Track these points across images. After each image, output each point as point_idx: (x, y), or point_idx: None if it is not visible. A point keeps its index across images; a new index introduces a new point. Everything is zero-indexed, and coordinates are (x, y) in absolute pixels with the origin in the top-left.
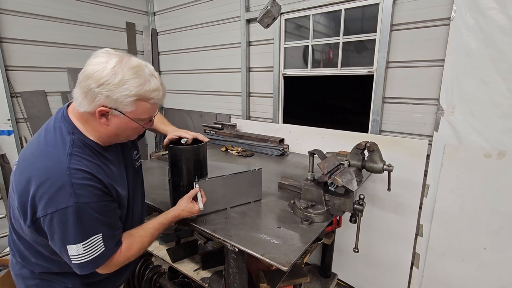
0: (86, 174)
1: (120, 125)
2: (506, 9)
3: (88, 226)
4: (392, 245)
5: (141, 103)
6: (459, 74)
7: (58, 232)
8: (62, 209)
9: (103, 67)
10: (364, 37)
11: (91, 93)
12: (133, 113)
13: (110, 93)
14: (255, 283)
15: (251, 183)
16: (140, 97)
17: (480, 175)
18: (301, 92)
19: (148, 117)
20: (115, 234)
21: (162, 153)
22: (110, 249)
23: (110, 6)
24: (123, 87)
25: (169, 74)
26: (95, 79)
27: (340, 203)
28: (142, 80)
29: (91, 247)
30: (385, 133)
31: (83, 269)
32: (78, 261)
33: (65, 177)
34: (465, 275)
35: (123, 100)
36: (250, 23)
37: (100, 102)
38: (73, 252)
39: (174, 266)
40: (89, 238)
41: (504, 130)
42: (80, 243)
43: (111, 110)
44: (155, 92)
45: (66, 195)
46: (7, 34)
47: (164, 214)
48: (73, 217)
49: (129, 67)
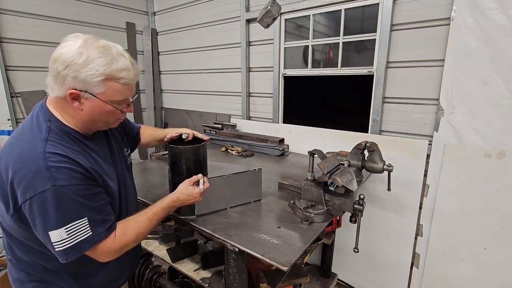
0: (62, 157)
1: (94, 109)
2: (506, 9)
3: (70, 209)
4: (392, 245)
5: (110, 83)
6: (459, 74)
7: (39, 218)
8: (40, 193)
9: (69, 49)
10: (364, 37)
11: (60, 76)
12: (104, 94)
13: (76, 73)
14: (255, 283)
15: (251, 183)
16: (108, 76)
17: (480, 175)
18: (301, 92)
19: (122, 99)
20: (105, 219)
21: (162, 153)
22: (99, 234)
23: (110, 6)
24: (89, 67)
25: (169, 74)
26: (61, 61)
27: (340, 203)
28: (109, 59)
29: (76, 232)
30: (385, 133)
31: (68, 255)
32: (61, 247)
33: (41, 161)
34: (465, 275)
35: (90, 80)
36: (250, 23)
37: (69, 84)
38: (55, 238)
39: (174, 266)
40: (73, 222)
41: (504, 130)
42: (63, 228)
43: (82, 92)
44: (124, 72)
45: (43, 179)
46: (7, 34)
47: (162, 199)
48: (52, 201)
49: (95, 47)
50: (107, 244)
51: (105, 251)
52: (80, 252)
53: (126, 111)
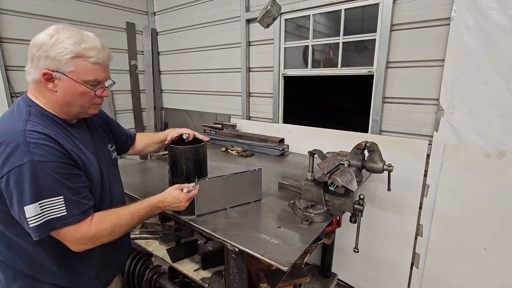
0: (42, 135)
1: (67, 90)
2: (506, 9)
3: (46, 185)
4: (392, 245)
5: (80, 62)
6: (459, 74)
7: (15, 193)
8: (17, 167)
9: (43, 34)
10: (364, 37)
11: (35, 58)
12: (75, 73)
13: (47, 53)
14: (255, 283)
15: (251, 183)
16: (77, 54)
17: (480, 175)
18: (301, 92)
19: (93, 79)
20: (82, 202)
21: (162, 153)
22: (73, 216)
23: (110, 6)
24: (58, 45)
25: (169, 74)
26: (35, 45)
27: (340, 203)
28: (78, 38)
29: (50, 208)
30: (385, 133)
31: (41, 231)
32: (35, 223)
33: (20, 138)
34: (465, 275)
35: (60, 58)
36: (250, 23)
37: (42, 65)
38: (30, 213)
39: (174, 266)
40: (48, 198)
41: (504, 130)
42: (37, 202)
43: (54, 73)
44: (94, 51)
45: (21, 153)
46: (7, 34)
47: (149, 198)
48: (28, 174)
49: (65, 30)
50: (80, 228)
51: (78, 237)
52: (50, 229)
53: (101, 94)
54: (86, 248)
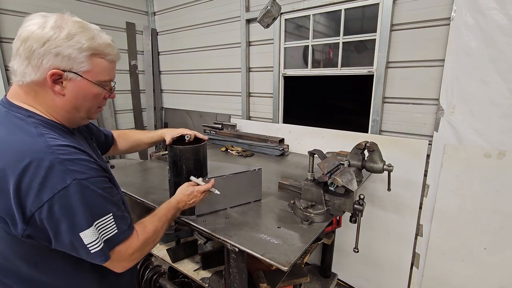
0: (71, 148)
1: (79, 92)
2: (506, 9)
3: (96, 204)
4: (392, 245)
5: (97, 60)
6: (459, 74)
7: (64, 220)
8: (61, 191)
9: (42, 25)
10: (364, 37)
11: (36, 55)
12: (91, 73)
13: (59, 49)
14: (255, 283)
15: (251, 183)
16: (95, 51)
17: (480, 175)
18: (301, 92)
19: (108, 79)
20: (125, 216)
21: (162, 153)
22: (123, 231)
23: (110, 6)
24: (73, 40)
25: (169, 74)
26: (36, 39)
27: (340, 203)
28: (91, 34)
29: (104, 227)
30: (385, 133)
31: (105, 254)
32: (97, 247)
33: (50, 156)
34: (465, 275)
35: (76, 56)
36: (250, 23)
37: (50, 63)
38: (89, 238)
39: (174, 266)
40: (101, 218)
41: (504, 130)
42: (93, 225)
43: (66, 73)
44: (109, 48)
45: (59, 174)
46: (7, 34)
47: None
48: (77, 196)
49: (72, 21)
50: (132, 243)
51: (130, 253)
52: (108, 251)
53: (110, 96)
54: (132, 264)
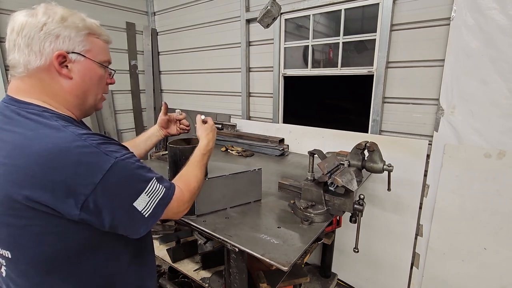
0: (98, 135)
1: (85, 73)
2: (506, 9)
3: (139, 175)
4: (392, 245)
5: (94, 40)
6: (459, 74)
7: (118, 197)
8: (108, 171)
9: (33, 14)
10: (364, 37)
11: (36, 40)
12: (92, 52)
13: (59, 29)
14: (255, 283)
15: (251, 183)
16: (90, 30)
17: (480, 175)
18: (301, 92)
19: (107, 59)
20: (161, 176)
21: (162, 153)
22: (169, 188)
23: (110, 6)
24: (69, 21)
25: (169, 74)
26: (32, 25)
27: (340, 203)
28: (81, 16)
29: (153, 191)
30: (385, 133)
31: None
32: (149, 210)
33: (85, 142)
34: (465, 275)
35: (76, 35)
36: (250, 23)
37: (52, 46)
38: (142, 205)
39: (174, 266)
40: (148, 184)
41: (504, 130)
42: (143, 192)
43: (69, 54)
44: (100, 28)
45: (102, 156)
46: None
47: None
48: (123, 172)
49: (61, 8)
50: (179, 195)
51: (179, 204)
52: (163, 209)
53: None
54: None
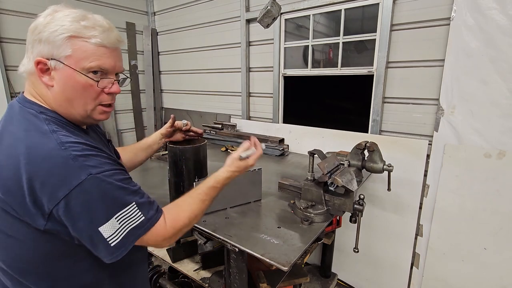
0: (83, 145)
1: (65, 81)
2: (506, 9)
3: (115, 196)
4: (392, 245)
5: (77, 42)
6: (459, 74)
7: (82, 216)
8: (76, 187)
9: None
10: (364, 37)
11: (28, 43)
12: (73, 58)
13: (40, 35)
14: (255, 283)
15: (251, 183)
16: (74, 33)
17: (480, 175)
18: (301, 92)
19: (96, 65)
20: (150, 201)
21: (162, 153)
22: (152, 217)
23: (110, 6)
24: (53, 23)
25: (169, 74)
26: (30, 29)
27: (340, 203)
28: (79, 16)
29: (127, 219)
30: (385, 133)
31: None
32: (116, 239)
33: (63, 152)
34: (465, 275)
35: (54, 39)
36: (250, 23)
37: (36, 51)
38: (108, 232)
39: (174, 266)
40: (122, 209)
41: (504, 130)
42: (113, 217)
43: (49, 61)
44: (97, 30)
45: (73, 170)
46: (7, 34)
47: (214, 177)
48: (93, 191)
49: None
50: (159, 230)
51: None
52: (134, 240)
53: (109, 90)
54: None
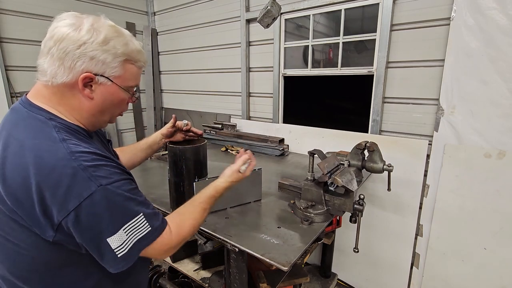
0: (93, 155)
1: (107, 97)
2: (506, 9)
3: (123, 208)
4: (392, 245)
5: (129, 66)
6: (459, 74)
7: (92, 228)
8: (87, 199)
9: (77, 28)
10: (364, 37)
11: (70, 57)
12: (121, 78)
13: (95, 53)
14: (255, 283)
15: (251, 183)
16: (128, 57)
17: (480, 175)
18: (301, 92)
19: (135, 84)
20: (155, 211)
21: (162, 153)
22: (157, 228)
23: (110, 6)
24: (110, 45)
25: (169, 74)
26: (72, 41)
27: (340, 203)
28: (126, 39)
29: (135, 229)
30: (385, 133)
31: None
32: (123, 251)
33: (73, 163)
34: (465, 275)
35: (111, 61)
36: (250, 23)
37: (83, 66)
38: (116, 243)
39: (174, 266)
40: (130, 220)
41: (504, 130)
42: (121, 228)
43: (97, 77)
44: (140, 54)
45: (84, 181)
46: (7, 34)
47: (213, 187)
48: (103, 202)
49: (108, 25)
50: (165, 238)
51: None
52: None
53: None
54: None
